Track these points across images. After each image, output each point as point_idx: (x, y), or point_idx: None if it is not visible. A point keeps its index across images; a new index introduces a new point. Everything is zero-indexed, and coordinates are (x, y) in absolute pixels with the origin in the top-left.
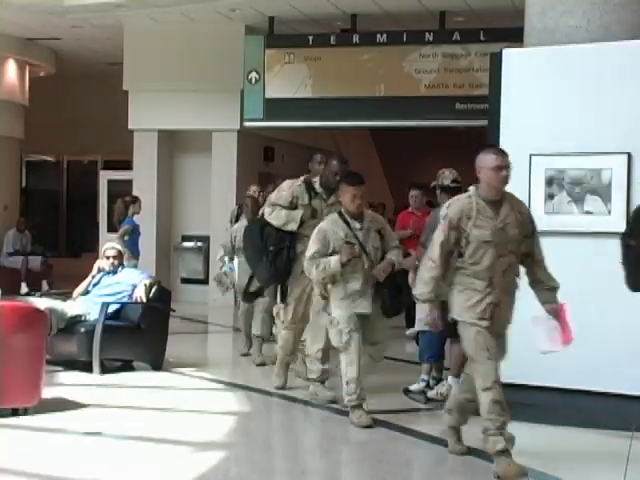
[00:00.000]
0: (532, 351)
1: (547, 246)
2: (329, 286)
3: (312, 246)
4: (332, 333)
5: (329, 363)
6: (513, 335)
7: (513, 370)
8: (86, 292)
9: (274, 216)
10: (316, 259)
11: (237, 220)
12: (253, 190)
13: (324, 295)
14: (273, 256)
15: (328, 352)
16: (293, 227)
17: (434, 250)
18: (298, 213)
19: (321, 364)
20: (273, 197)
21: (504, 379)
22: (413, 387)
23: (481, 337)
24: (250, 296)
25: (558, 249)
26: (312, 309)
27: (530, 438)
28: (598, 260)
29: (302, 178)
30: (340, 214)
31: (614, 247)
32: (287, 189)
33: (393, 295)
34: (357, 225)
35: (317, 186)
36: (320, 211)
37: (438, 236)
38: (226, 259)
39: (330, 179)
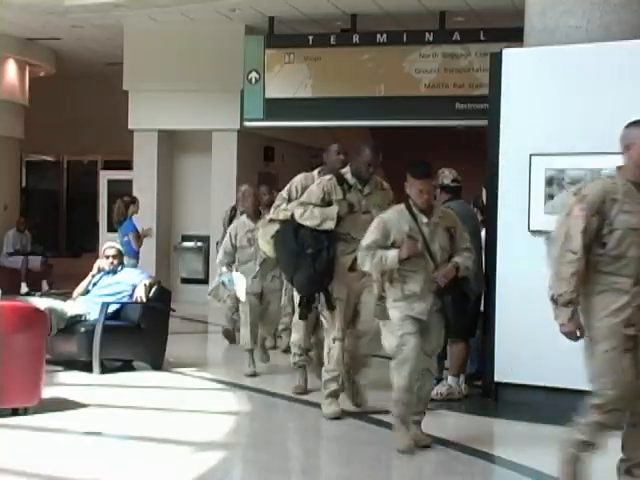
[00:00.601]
0: (532, 351)
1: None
2: (387, 284)
3: (370, 235)
4: (384, 336)
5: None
6: (513, 335)
7: (513, 370)
8: (86, 292)
9: (307, 216)
10: (372, 249)
11: (231, 222)
12: (244, 189)
13: (382, 295)
14: (312, 259)
15: None
16: (330, 226)
17: (574, 240)
18: (334, 210)
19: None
20: (285, 193)
21: (503, 378)
22: None
23: (617, 356)
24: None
25: None
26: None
27: (530, 438)
28: None
29: (316, 171)
30: (407, 205)
31: None
32: (315, 186)
33: (457, 303)
34: (424, 219)
35: (349, 177)
36: (358, 204)
37: (575, 224)
38: (224, 269)
39: (362, 170)
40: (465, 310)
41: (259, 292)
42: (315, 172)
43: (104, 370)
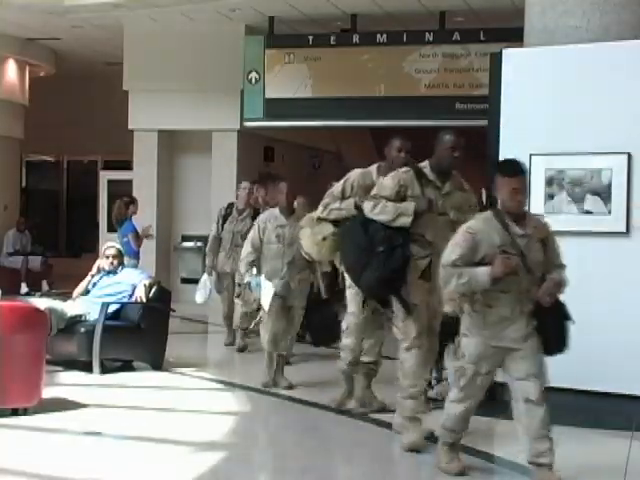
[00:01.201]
0: None
1: None
2: (466, 306)
3: (454, 249)
4: (451, 365)
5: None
6: None
7: None
8: (86, 292)
9: (379, 211)
10: (458, 267)
11: (225, 221)
12: (244, 186)
13: (456, 315)
14: (385, 257)
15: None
16: (405, 222)
17: None
18: (410, 205)
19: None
20: (338, 191)
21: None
22: None
23: None
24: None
25: None
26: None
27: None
28: (598, 260)
29: (374, 166)
30: (496, 213)
31: (614, 247)
32: (390, 178)
33: (559, 326)
34: (518, 230)
35: (427, 172)
36: (435, 203)
37: None
38: (244, 269)
39: (445, 158)
40: (566, 332)
41: (285, 295)
42: (373, 168)
43: (104, 370)
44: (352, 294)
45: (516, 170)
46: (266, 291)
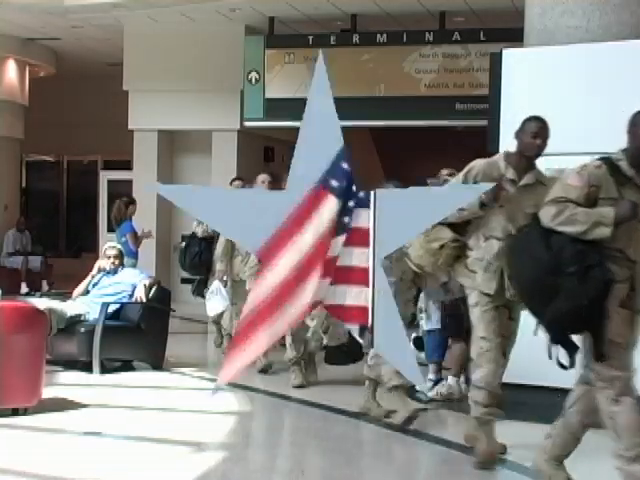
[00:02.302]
0: (531, 351)
1: None
2: None
3: None
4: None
5: None
6: None
7: (513, 370)
8: (86, 292)
9: (565, 219)
10: None
11: None
12: (262, 179)
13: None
14: (579, 281)
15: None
16: (603, 233)
17: None
18: (609, 211)
19: None
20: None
21: (503, 378)
22: (421, 387)
23: None
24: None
25: None
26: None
27: (530, 438)
28: None
29: (501, 156)
30: None
31: None
32: (576, 176)
33: None
34: None
35: (624, 166)
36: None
37: None
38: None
39: None
40: None
41: None
42: (500, 157)
43: (104, 370)
44: (479, 313)
45: None
46: None
